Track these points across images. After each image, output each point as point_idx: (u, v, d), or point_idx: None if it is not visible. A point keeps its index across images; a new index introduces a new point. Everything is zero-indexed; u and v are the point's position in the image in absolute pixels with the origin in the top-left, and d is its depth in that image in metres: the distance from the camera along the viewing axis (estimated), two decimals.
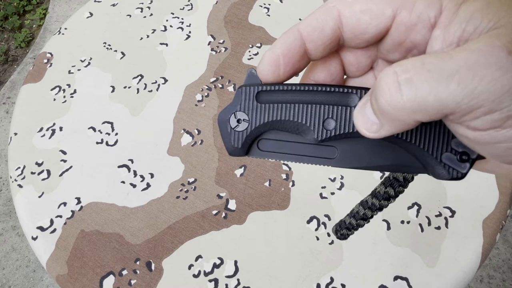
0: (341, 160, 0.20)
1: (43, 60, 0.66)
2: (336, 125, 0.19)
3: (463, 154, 0.19)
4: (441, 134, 0.19)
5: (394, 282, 0.44)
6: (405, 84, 0.15)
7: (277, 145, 0.21)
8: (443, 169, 0.19)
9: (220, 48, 0.65)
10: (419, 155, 0.19)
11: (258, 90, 0.20)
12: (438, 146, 0.19)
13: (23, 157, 0.56)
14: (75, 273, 0.47)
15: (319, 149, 0.20)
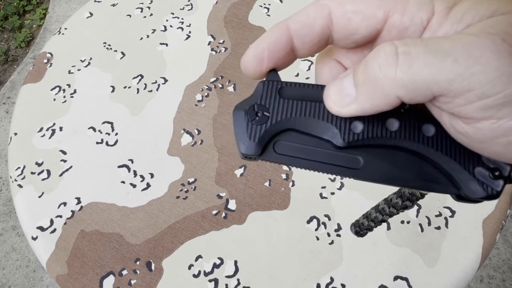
0: (366, 172, 0.18)
1: (43, 60, 0.66)
2: (364, 128, 0.18)
3: (495, 170, 0.17)
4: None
5: (394, 282, 0.44)
6: (403, 55, 0.15)
7: (296, 149, 0.18)
8: (478, 185, 0.17)
9: (220, 48, 0.65)
10: (450, 170, 0.18)
11: (282, 85, 0.19)
12: (469, 159, 0.17)
13: (23, 157, 0.56)
14: (75, 273, 0.47)
15: (342, 158, 0.18)
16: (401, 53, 0.15)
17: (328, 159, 0.18)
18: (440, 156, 0.18)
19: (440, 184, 0.18)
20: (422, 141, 0.18)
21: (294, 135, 0.18)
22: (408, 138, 0.18)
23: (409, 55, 0.15)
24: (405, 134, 0.18)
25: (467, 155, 0.17)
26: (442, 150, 0.17)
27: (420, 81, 0.14)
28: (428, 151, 0.18)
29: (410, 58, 0.14)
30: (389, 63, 0.15)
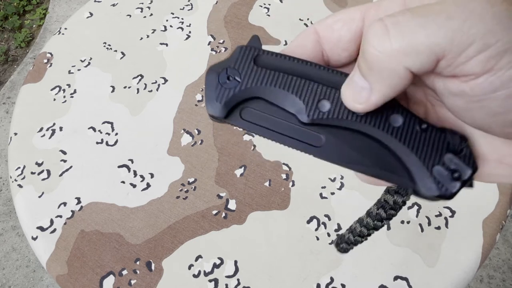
0: (325, 151, 0.18)
1: (43, 60, 0.66)
2: (330, 108, 0.18)
3: (455, 171, 0.17)
4: (436, 144, 0.18)
5: (394, 282, 0.44)
6: (393, 26, 0.14)
7: (261, 117, 0.19)
8: (433, 182, 0.17)
9: (220, 48, 0.65)
10: (409, 163, 0.18)
11: (258, 53, 0.19)
12: (431, 156, 0.17)
13: (23, 157, 0.56)
14: (75, 273, 0.47)
15: (305, 134, 0.18)
16: (389, 24, 0.14)
17: (291, 133, 0.19)
18: (402, 148, 0.18)
19: (397, 175, 0.18)
20: (387, 130, 0.18)
21: (262, 104, 0.19)
22: (373, 125, 0.18)
23: (398, 23, 0.14)
24: (371, 120, 0.18)
25: (430, 152, 0.18)
26: (405, 142, 0.18)
27: (419, 44, 0.14)
28: (391, 141, 0.18)
29: (400, 26, 0.14)
30: (380, 38, 0.14)
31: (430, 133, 0.18)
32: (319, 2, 0.70)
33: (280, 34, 0.66)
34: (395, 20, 0.14)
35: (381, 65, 0.15)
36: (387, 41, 0.14)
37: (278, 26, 0.67)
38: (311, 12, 0.69)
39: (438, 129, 0.18)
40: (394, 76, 0.15)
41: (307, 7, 0.69)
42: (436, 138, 0.18)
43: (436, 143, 0.18)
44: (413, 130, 0.18)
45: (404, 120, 0.18)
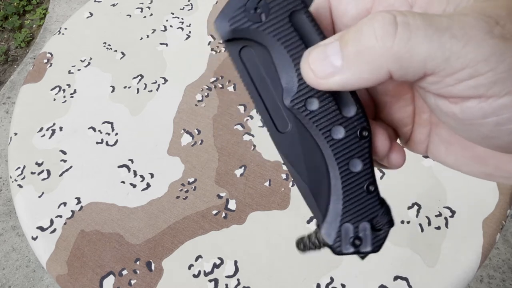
0: (282, 140, 0.18)
1: (43, 60, 0.66)
2: (316, 109, 0.17)
3: (358, 240, 0.18)
4: (367, 208, 0.18)
5: (394, 282, 0.44)
6: (402, 26, 0.14)
7: (255, 68, 0.18)
8: (335, 233, 0.18)
9: (220, 48, 0.65)
10: (333, 204, 0.18)
11: (301, 8, 0.17)
12: (353, 213, 0.18)
13: (23, 157, 0.56)
14: (75, 273, 0.47)
15: (278, 113, 0.18)
16: (400, 23, 0.14)
17: (268, 102, 0.18)
18: (337, 191, 0.18)
19: (317, 205, 0.18)
20: (345, 174, 0.18)
21: (265, 58, 0.17)
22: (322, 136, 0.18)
23: (408, 26, 0.14)
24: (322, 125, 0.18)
25: (355, 210, 0.18)
26: (343, 185, 0.18)
27: (416, 55, 0.14)
28: (335, 170, 0.18)
29: (409, 30, 0.14)
30: (386, 32, 0.14)
31: (369, 195, 0.18)
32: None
33: None
34: (406, 21, 0.14)
35: (369, 56, 0.14)
36: (391, 39, 0.14)
37: None
38: None
39: (379, 198, 0.18)
40: (373, 72, 0.15)
41: None
42: (370, 203, 0.18)
43: (367, 207, 0.18)
44: (358, 189, 0.18)
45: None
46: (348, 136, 0.17)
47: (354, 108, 0.17)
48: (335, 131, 0.17)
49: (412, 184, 0.50)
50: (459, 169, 0.20)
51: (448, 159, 0.20)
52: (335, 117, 0.17)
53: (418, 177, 0.51)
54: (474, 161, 0.19)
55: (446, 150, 0.20)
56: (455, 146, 0.19)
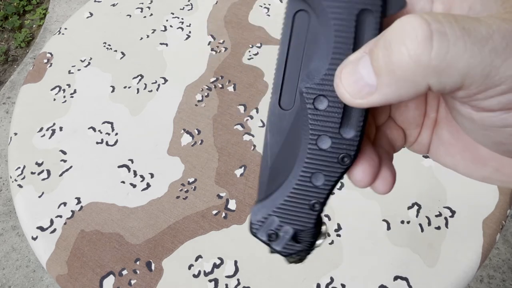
0: (276, 117, 0.18)
1: (43, 60, 0.66)
2: (326, 106, 0.17)
3: (275, 236, 0.18)
4: (302, 214, 0.18)
5: (394, 282, 0.44)
6: (438, 36, 0.12)
7: (299, 35, 0.17)
8: (259, 218, 0.18)
9: (220, 48, 0.65)
10: (275, 193, 0.18)
11: (373, 8, 0.15)
12: (287, 213, 0.18)
13: (23, 157, 0.56)
14: (75, 273, 0.47)
15: (291, 89, 0.17)
16: (435, 32, 0.12)
17: (289, 74, 0.17)
18: (289, 182, 0.18)
19: (261, 189, 0.18)
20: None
21: (315, 31, 0.16)
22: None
23: (446, 36, 0.12)
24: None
25: (293, 211, 0.18)
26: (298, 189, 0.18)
27: (456, 69, 0.12)
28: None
29: (447, 41, 0.12)
30: (422, 46, 0.12)
31: (310, 211, 0.18)
32: None
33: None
34: (442, 30, 0.12)
35: (406, 74, 0.13)
36: (428, 53, 0.12)
37: (278, 26, 0.67)
38: None
39: (317, 219, 0.18)
40: (411, 88, 0.13)
41: None
42: (306, 218, 0.18)
43: (301, 218, 0.18)
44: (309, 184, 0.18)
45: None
46: (328, 152, 0.17)
47: (354, 132, 0.17)
48: (322, 140, 0.17)
49: (412, 184, 0.50)
50: (456, 170, 0.20)
51: (446, 160, 0.20)
52: (331, 128, 0.17)
53: (418, 177, 0.51)
54: (473, 163, 0.19)
55: (445, 151, 0.20)
56: (455, 147, 0.19)
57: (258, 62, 0.63)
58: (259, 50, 0.64)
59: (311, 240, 0.18)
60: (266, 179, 0.18)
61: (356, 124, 0.17)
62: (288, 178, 0.18)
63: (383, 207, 0.49)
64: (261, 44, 0.65)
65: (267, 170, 0.18)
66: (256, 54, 0.64)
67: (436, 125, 0.20)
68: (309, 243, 0.18)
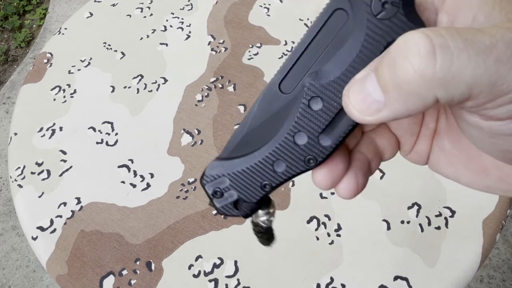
0: (271, 97, 0.18)
1: (43, 60, 0.66)
2: (322, 107, 0.17)
3: (220, 193, 0.20)
4: (250, 188, 0.19)
5: (394, 282, 0.44)
6: (441, 50, 0.12)
7: (331, 30, 0.17)
8: (215, 173, 0.19)
9: (220, 48, 0.65)
10: (237, 159, 0.19)
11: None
12: (238, 182, 0.19)
13: (23, 157, 0.56)
14: (75, 273, 0.47)
15: (297, 76, 0.18)
16: (437, 46, 0.12)
17: (301, 62, 0.17)
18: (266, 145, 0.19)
19: (235, 148, 0.19)
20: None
21: (345, 34, 0.16)
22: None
23: (448, 49, 0.12)
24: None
25: (243, 181, 0.19)
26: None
27: (462, 80, 0.13)
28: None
29: (450, 53, 0.12)
30: (425, 60, 0.13)
31: (260, 189, 0.19)
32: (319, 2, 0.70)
33: (280, 34, 0.66)
34: (444, 43, 0.12)
35: (412, 88, 0.13)
36: (432, 66, 0.13)
37: (278, 26, 0.67)
38: (311, 12, 0.69)
39: (262, 198, 0.20)
40: (419, 102, 0.14)
41: (307, 7, 0.69)
42: (252, 192, 0.19)
43: (248, 190, 0.19)
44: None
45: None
46: (300, 149, 0.18)
47: (330, 143, 0.17)
48: (300, 136, 0.18)
49: (412, 184, 0.50)
50: (458, 180, 0.20)
51: (448, 170, 0.20)
52: (313, 130, 0.17)
53: (418, 177, 0.51)
54: (476, 173, 0.19)
55: (447, 161, 0.19)
56: (457, 158, 0.19)
57: (258, 62, 0.63)
58: (259, 50, 0.64)
59: (248, 213, 0.20)
60: (236, 143, 0.19)
61: (336, 136, 0.17)
62: (254, 153, 0.19)
63: (383, 207, 0.49)
64: (261, 44, 0.65)
65: (240, 137, 0.19)
66: (256, 54, 0.64)
67: (437, 136, 0.20)
68: (245, 214, 0.20)
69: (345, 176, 0.19)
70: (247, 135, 0.19)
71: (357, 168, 0.19)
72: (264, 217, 0.21)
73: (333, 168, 0.18)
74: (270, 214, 0.21)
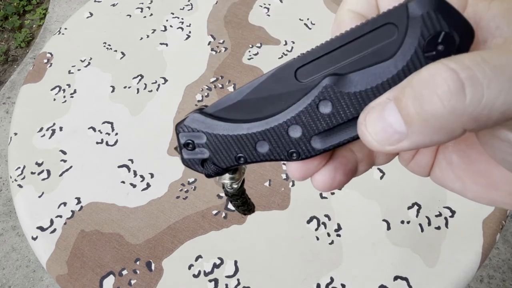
0: (285, 76, 0.17)
1: (43, 60, 0.66)
2: (331, 112, 0.16)
3: (191, 146, 0.19)
4: (224, 151, 0.19)
5: (394, 282, 0.44)
6: (470, 83, 0.12)
7: (377, 37, 0.16)
8: (195, 125, 0.19)
9: (220, 48, 0.65)
10: (224, 120, 0.19)
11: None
12: (214, 142, 0.19)
13: (23, 157, 0.56)
14: (75, 273, 0.47)
15: (319, 69, 0.17)
16: (466, 79, 0.12)
17: (328, 57, 0.17)
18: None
19: (226, 108, 0.19)
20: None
21: (389, 45, 0.15)
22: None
23: (477, 81, 0.12)
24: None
25: (221, 144, 0.19)
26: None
27: (495, 110, 0.12)
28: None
29: (480, 86, 0.12)
30: (454, 95, 0.12)
31: (234, 159, 0.19)
32: (319, 2, 0.70)
33: (280, 34, 0.66)
34: (472, 75, 0.12)
35: (441, 122, 0.13)
36: (462, 101, 0.12)
37: (278, 26, 0.67)
38: (311, 12, 0.69)
39: (229, 167, 0.20)
40: (446, 135, 0.13)
41: (307, 7, 0.69)
42: (225, 158, 0.19)
43: (222, 154, 0.19)
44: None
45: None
46: (289, 140, 0.18)
47: (321, 147, 0.17)
48: (294, 129, 0.17)
49: (412, 184, 0.50)
50: (464, 194, 0.19)
51: (455, 185, 0.19)
52: (310, 130, 0.17)
53: (418, 177, 0.50)
54: (485, 187, 0.18)
55: (454, 176, 0.19)
56: (466, 172, 0.19)
57: (258, 62, 0.63)
58: (259, 50, 0.64)
59: (212, 174, 0.20)
60: (227, 104, 0.19)
61: (329, 144, 0.17)
62: (242, 124, 0.18)
63: (383, 207, 0.49)
64: (261, 44, 0.65)
65: (234, 100, 0.18)
66: (256, 54, 0.64)
67: (444, 149, 0.19)
68: (208, 174, 0.20)
69: (324, 168, 0.19)
70: (242, 102, 0.18)
71: (339, 164, 0.19)
72: (228, 181, 0.21)
73: (308, 162, 0.18)
74: (234, 179, 0.21)
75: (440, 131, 0.13)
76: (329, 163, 0.19)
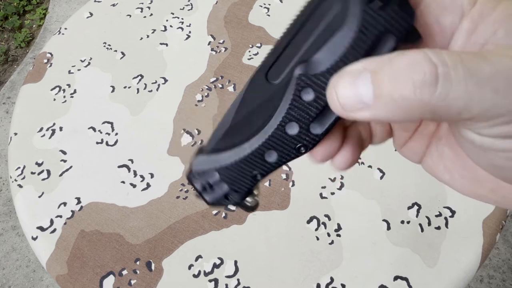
0: (257, 83, 0.18)
1: (43, 60, 0.66)
2: (314, 97, 0.17)
3: (210, 187, 0.20)
4: (241, 179, 0.19)
5: (394, 282, 0.44)
6: (443, 79, 0.13)
7: (320, 17, 0.16)
8: (202, 168, 0.19)
9: (220, 48, 0.65)
10: (224, 152, 0.19)
11: (396, 33, 0.16)
12: (228, 175, 0.19)
13: (23, 157, 0.56)
14: (75, 273, 0.47)
15: (283, 65, 0.17)
16: (441, 75, 0.13)
17: (288, 52, 0.17)
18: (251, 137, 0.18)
19: (221, 139, 0.19)
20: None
21: (335, 23, 0.16)
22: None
23: (449, 78, 0.13)
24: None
25: (238, 175, 0.19)
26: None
27: (453, 107, 0.13)
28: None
29: (450, 84, 0.13)
30: (427, 86, 0.13)
31: (251, 178, 0.19)
32: None
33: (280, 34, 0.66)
34: (447, 72, 0.13)
35: (405, 107, 0.14)
36: (431, 93, 0.13)
37: (278, 26, 0.67)
38: None
39: (251, 187, 0.20)
40: (403, 116, 0.14)
41: None
42: (243, 182, 0.19)
43: (239, 181, 0.19)
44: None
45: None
46: (291, 138, 0.18)
47: (320, 130, 0.17)
48: (291, 127, 0.18)
49: (412, 184, 0.50)
50: (452, 186, 0.20)
51: (444, 176, 0.20)
52: (305, 119, 0.17)
53: (418, 177, 0.51)
54: (471, 181, 0.19)
55: (444, 167, 0.20)
56: (456, 165, 0.19)
57: (258, 62, 0.63)
58: (259, 50, 0.64)
59: (239, 202, 0.20)
60: (221, 135, 0.19)
61: (327, 124, 0.17)
62: (243, 144, 0.18)
63: (383, 207, 0.49)
64: (261, 44, 0.65)
65: (226, 128, 0.19)
66: (256, 54, 0.64)
67: (438, 141, 0.20)
68: (235, 202, 0.20)
69: (342, 149, 0.19)
70: (233, 126, 0.18)
71: (354, 142, 0.20)
72: (250, 198, 0.21)
73: (329, 146, 0.19)
74: (254, 195, 0.21)
75: (401, 113, 0.14)
76: (346, 145, 0.20)
